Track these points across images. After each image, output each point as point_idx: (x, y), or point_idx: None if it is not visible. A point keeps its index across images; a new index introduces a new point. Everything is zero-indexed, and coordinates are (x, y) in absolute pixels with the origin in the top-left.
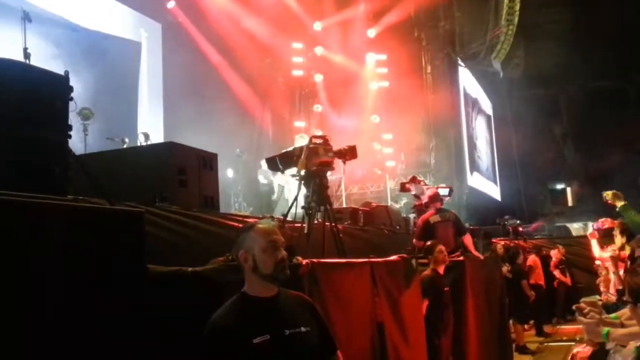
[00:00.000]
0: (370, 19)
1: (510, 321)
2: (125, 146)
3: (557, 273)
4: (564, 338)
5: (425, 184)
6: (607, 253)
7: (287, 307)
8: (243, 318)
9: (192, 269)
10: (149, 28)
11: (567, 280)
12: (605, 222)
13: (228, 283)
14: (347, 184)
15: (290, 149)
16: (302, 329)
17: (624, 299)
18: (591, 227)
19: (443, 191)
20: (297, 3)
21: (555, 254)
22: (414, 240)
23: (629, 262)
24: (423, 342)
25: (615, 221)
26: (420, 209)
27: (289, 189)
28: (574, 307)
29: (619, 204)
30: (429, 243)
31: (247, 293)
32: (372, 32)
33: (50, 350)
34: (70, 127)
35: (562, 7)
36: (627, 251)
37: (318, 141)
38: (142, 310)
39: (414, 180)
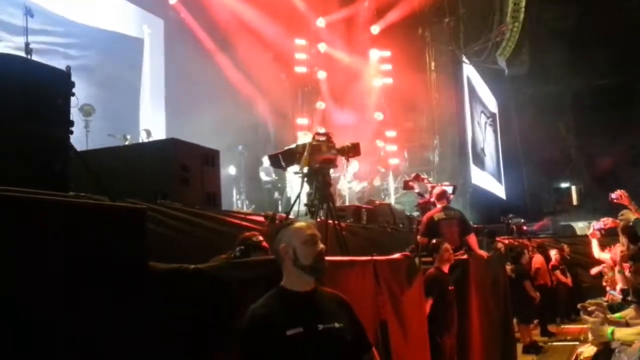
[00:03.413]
0: (374, 15)
1: (515, 321)
2: (127, 143)
3: (557, 273)
4: (568, 338)
5: (429, 182)
6: (607, 254)
7: (322, 303)
8: (279, 310)
9: (194, 266)
10: (151, 24)
11: (568, 280)
12: (607, 222)
13: (231, 281)
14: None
15: (293, 146)
16: (336, 324)
17: (629, 298)
18: (592, 226)
19: (447, 189)
20: None
21: (554, 255)
22: (418, 237)
23: (622, 262)
24: (426, 340)
25: (619, 221)
26: (424, 207)
27: (291, 187)
28: (579, 306)
29: (633, 217)
30: (434, 241)
31: (285, 287)
32: (375, 29)
33: (50, 346)
34: (71, 123)
35: (567, 4)
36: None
37: (321, 138)
38: (143, 308)
39: (417, 178)
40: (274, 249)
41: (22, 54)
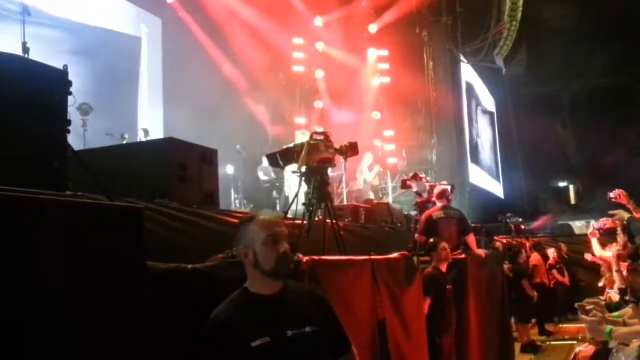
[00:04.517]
0: (371, 14)
1: (512, 320)
2: (124, 142)
3: (554, 273)
4: (567, 337)
5: (427, 181)
6: (609, 252)
7: (292, 305)
8: (242, 318)
9: (192, 266)
10: (149, 23)
11: (565, 280)
12: (607, 222)
13: (229, 281)
14: (348, 181)
15: (291, 145)
16: (307, 329)
17: (627, 298)
18: (592, 226)
19: (447, 188)
20: None
21: (552, 254)
22: (417, 236)
23: (619, 261)
24: (424, 340)
25: (617, 221)
26: (422, 206)
27: (289, 186)
28: (576, 306)
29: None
30: (432, 240)
31: (249, 290)
32: (373, 28)
33: (48, 346)
34: (69, 122)
35: (566, 3)
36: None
37: (319, 137)
38: (142, 307)
39: (415, 177)
40: (235, 249)
41: (20, 52)
